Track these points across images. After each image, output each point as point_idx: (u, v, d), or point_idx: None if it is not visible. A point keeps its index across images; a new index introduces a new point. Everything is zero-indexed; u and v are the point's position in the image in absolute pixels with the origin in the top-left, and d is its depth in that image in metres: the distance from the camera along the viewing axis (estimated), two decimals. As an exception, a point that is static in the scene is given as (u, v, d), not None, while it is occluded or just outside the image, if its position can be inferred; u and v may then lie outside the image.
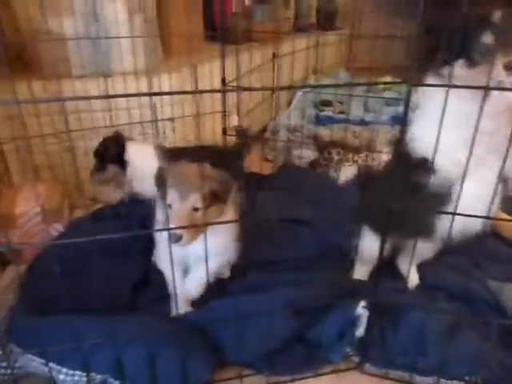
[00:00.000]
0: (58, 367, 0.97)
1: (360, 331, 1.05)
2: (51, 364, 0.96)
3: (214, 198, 1.12)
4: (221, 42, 1.90)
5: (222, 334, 1.04)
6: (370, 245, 1.25)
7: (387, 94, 3.19)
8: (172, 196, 1.09)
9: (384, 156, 1.90)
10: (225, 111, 2.03)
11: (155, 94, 1.63)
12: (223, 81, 2.01)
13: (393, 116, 2.83)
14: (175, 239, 1.04)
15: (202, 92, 1.12)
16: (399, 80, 3.21)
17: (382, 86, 3.36)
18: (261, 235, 1.61)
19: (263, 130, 2.67)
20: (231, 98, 2.11)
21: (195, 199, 1.08)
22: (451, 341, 1.02)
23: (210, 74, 2.07)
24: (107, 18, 1.68)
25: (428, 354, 1.03)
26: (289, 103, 3.14)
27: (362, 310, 1.04)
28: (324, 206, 1.74)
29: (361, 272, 1.36)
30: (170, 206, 1.10)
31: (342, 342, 1.05)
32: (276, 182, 1.96)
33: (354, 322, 1.05)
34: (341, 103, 3.04)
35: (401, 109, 2.56)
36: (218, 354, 1.05)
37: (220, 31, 1.96)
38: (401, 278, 1.35)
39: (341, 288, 1.16)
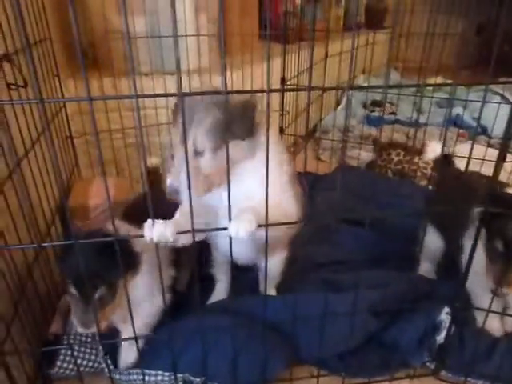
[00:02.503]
0: (147, 370, 0.99)
1: (441, 337, 1.03)
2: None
3: (226, 134, 0.81)
4: (283, 41, 1.92)
5: (300, 330, 1.04)
6: (433, 241, 1.26)
7: (437, 96, 3.10)
8: (174, 135, 0.86)
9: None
10: (282, 110, 2.04)
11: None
12: (282, 80, 2.02)
13: (449, 117, 2.75)
14: (171, 191, 0.83)
15: (261, 91, 0.82)
16: (449, 81, 3.11)
17: (432, 87, 3.28)
18: (320, 236, 1.61)
19: (314, 130, 2.66)
20: (288, 97, 2.11)
21: (196, 139, 0.82)
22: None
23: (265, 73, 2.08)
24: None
25: (513, 364, 1.00)
26: (337, 103, 3.11)
27: (445, 315, 1.02)
28: (383, 207, 1.72)
29: (426, 270, 1.35)
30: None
31: (423, 346, 1.03)
32: (333, 182, 1.94)
33: (436, 327, 1.02)
34: (391, 104, 2.99)
35: (455, 110, 2.48)
36: (295, 351, 1.06)
37: (283, 30, 1.95)
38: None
39: (419, 290, 1.13)
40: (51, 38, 1.48)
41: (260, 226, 0.77)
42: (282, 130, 2.05)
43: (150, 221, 0.75)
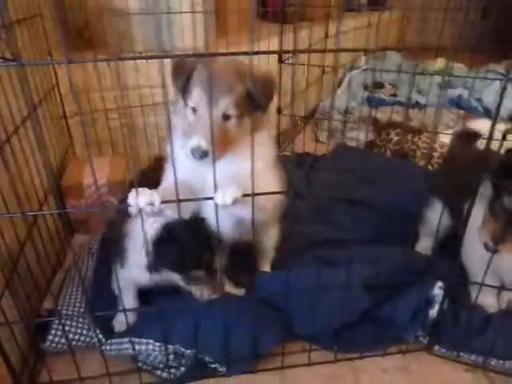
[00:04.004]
0: (137, 339, 0.99)
1: (434, 312, 1.02)
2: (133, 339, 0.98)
3: (251, 104, 0.85)
4: (281, 20, 1.88)
5: (294, 305, 1.04)
6: (435, 216, 1.22)
7: (438, 77, 3.06)
8: (198, 97, 0.84)
9: (445, 138, 1.82)
10: (279, 89, 2.01)
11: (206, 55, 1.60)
12: (280, 58, 1.98)
13: (449, 99, 2.71)
14: (199, 154, 0.81)
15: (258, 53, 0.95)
16: (452, 62, 3.06)
17: (435, 69, 3.22)
18: (319, 215, 1.60)
19: (314, 111, 2.63)
20: (286, 78, 2.07)
21: (228, 103, 0.83)
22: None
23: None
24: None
25: (507, 337, 0.99)
26: (338, 85, 3.07)
27: (438, 290, 1.01)
28: (382, 187, 1.70)
29: (424, 248, 1.33)
30: (194, 110, 0.86)
31: (416, 321, 1.03)
32: (332, 163, 1.92)
33: (429, 301, 1.02)
34: (392, 85, 2.95)
35: (456, 92, 2.44)
36: (288, 327, 1.05)
37: (282, 9, 1.91)
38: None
39: (414, 266, 1.12)
40: (41, 14, 1.45)
41: (246, 195, 0.76)
42: (279, 111, 2.02)
43: (134, 190, 0.75)
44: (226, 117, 0.85)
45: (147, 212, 0.77)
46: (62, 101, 1.63)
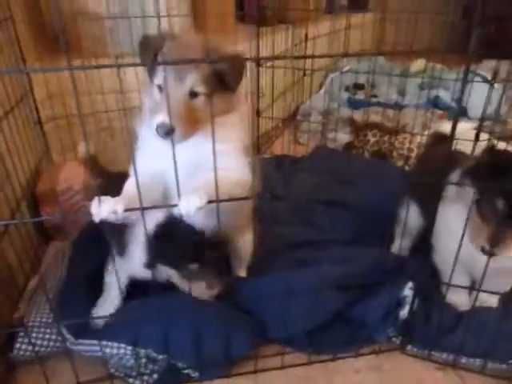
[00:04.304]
0: (109, 342, 0.98)
1: (405, 312, 1.03)
2: (103, 342, 0.97)
3: (220, 83, 0.83)
4: (257, 22, 1.89)
5: (266, 310, 1.04)
6: (412, 216, 1.24)
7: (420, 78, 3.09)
8: (165, 74, 0.80)
9: (421, 138, 1.85)
10: (258, 92, 2.02)
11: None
12: (257, 62, 1.99)
13: (428, 99, 2.74)
14: (165, 130, 0.78)
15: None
16: (432, 63, 3.10)
17: (414, 70, 3.26)
18: (297, 217, 1.61)
19: (295, 113, 2.64)
20: (265, 80, 2.08)
21: (195, 80, 0.81)
22: (501, 322, 0.99)
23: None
24: (144, -3, 1.67)
25: (476, 336, 1.01)
26: (320, 86, 3.09)
27: (408, 291, 1.02)
28: (360, 188, 1.71)
29: (400, 247, 1.33)
30: (160, 88, 0.83)
31: (387, 322, 1.04)
32: (310, 164, 1.93)
33: (400, 302, 1.03)
34: (373, 86, 2.97)
35: (435, 92, 2.48)
36: (261, 331, 1.06)
37: (257, 10, 1.92)
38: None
39: (386, 266, 1.14)
40: (13, 17, 1.43)
41: (210, 201, 0.76)
42: (258, 113, 2.03)
43: (97, 198, 0.74)
44: (193, 94, 0.83)
45: (112, 220, 0.76)
46: (37, 106, 1.61)
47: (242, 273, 1.27)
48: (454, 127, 0.85)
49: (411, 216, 1.24)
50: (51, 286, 1.14)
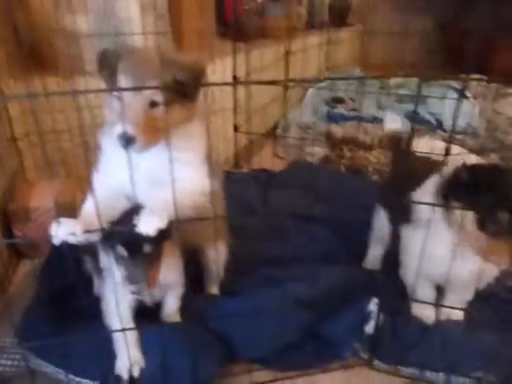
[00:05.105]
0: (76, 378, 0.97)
1: (370, 327, 1.05)
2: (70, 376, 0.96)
3: (179, 92, 0.85)
4: (233, 38, 1.91)
5: (233, 329, 1.04)
6: (382, 223, 1.27)
7: (400, 92, 3.16)
8: (122, 84, 0.83)
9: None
10: (236, 108, 2.04)
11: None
12: (234, 77, 2.02)
13: (406, 113, 2.80)
14: (126, 140, 0.79)
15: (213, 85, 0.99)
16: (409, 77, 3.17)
17: (394, 84, 3.33)
18: (272, 232, 1.62)
19: (274, 127, 2.67)
20: (242, 94, 2.11)
21: (153, 91, 0.82)
22: (465, 336, 1.01)
23: (222, 70, 2.07)
24: (120, 15, 1.69)
25: (440, 351, 1.02)
26: (300, 101, 3.13)
27: (373, 306, 1.04)
28: (336, 203, 1.74)
29: (373, 258, 1.37)
30: (119, 98, 0.84)
31: (352, 337, 1.05)
32: (287, 179, 1.95)
33: (365, 318, 1.04)
34: (353, 100, 3.02)
35: (411, 106, 2.55)
36: (228, 350, 1.06)
37: (232, 27, 1.95)
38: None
39: (354, 282, 1.15)
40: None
41: (171, 221, 0.77)
42: (236, 129, 2.05)
43: (56, 220, 0.74)
44: (152, 104, 0.84)
45: (73, 242, 0.77)
46: (11, 122, 1.61)
47: (214, 290, 1.27)
48: (410, 139, 0.87)
49: (383, 223, 1.27)
50: (18, 306, 1.13)
